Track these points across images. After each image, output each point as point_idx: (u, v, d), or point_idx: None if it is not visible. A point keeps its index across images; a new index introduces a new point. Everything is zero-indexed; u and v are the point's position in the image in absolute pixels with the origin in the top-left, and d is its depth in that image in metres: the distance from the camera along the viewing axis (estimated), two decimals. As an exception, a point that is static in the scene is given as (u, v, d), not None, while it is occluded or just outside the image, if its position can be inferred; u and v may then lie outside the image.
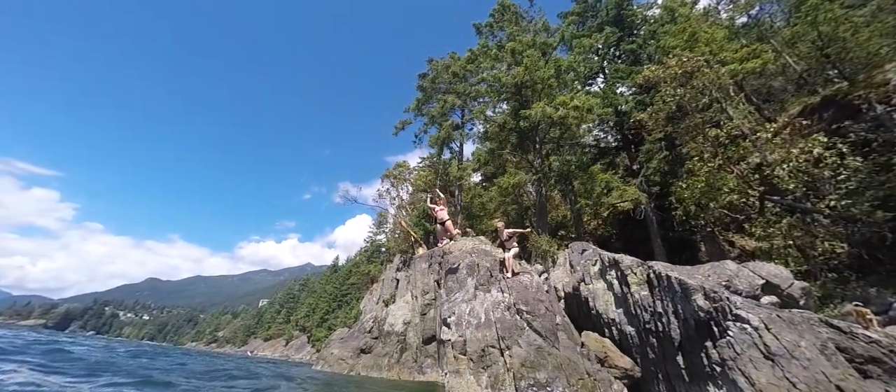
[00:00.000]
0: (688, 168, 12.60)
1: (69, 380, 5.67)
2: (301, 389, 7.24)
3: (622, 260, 8.35)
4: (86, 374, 6.37)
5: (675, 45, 14.51)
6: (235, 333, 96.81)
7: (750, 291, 7.06)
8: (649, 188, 16.46)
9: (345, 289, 53.64)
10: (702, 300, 6.08)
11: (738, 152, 11.65)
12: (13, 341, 8.66)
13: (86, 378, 5.95)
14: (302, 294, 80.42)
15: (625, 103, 18.17)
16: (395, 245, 31.61)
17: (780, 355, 4.86)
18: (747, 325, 5.30)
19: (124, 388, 5.46)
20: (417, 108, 25.45)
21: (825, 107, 11.95)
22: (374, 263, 38.79)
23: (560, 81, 17.73)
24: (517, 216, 21.39)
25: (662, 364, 6.85)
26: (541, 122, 16.34)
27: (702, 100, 12.41)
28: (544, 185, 17.39)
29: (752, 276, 7.49)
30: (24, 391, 4.42)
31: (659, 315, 6.98)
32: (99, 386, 5.43)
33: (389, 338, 13.34)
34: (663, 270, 7.19)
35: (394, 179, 31.18)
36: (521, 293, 8.71)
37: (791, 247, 9.89)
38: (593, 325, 8.66)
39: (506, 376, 7.02)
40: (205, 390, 6.06)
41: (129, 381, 5.95)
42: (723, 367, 5.37)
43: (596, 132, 22.26)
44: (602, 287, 8.81)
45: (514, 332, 7.70)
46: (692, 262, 10.81)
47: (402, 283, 16.85)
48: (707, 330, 5.90)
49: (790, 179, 10.03)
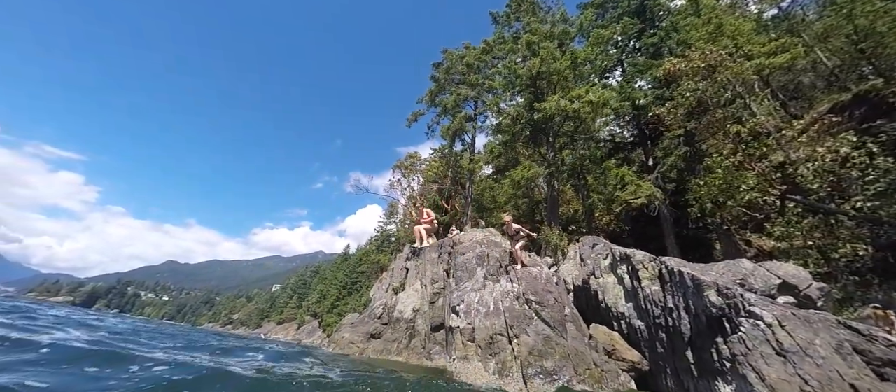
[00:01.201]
0: (706, 165, 12.31)
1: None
2: (333, 368, 7.58)
3: (634, 255, 8.30)
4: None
5: (699, 38, 14.04)
6: (250, 316, 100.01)
7: (765, 290, 6.94)
8: (664, 184, 16.15)
9: (355, 276, 54.62)
10: (714, 296, 6.03)
11: (761, 150, 11.30)
12: (91, 319, 9.83)
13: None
14: (313, 280, 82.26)
15: (643, 97, 17.75)
16: (405, 234, 31.98)
17: (792, 353, 4.81)
18: (760, 321, 5.24)
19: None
20: (430, 98, 25.40)
21: (857, 104, 11.44)
22: (384, 252, 39.34)
23: (576, 74, 17.42)
24: (528, 210, 21.33)
25: (671, 358, 6.84)
26: (555, 116, 16.15)
27: (724, 95, 12.05)
28: (557, 179, 17.25)
29: (768, 275, 7.35)
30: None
31: (669, 310, 6.94)
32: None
33: (398, 324, 13.63)
34: (676, 266, 7.13)
35: (405, 170, 31.41)
36: (531, 284, 8.77)
37: (811, 248, 9.62)
38: (602, 318, 8.67)
39: (513, 363, 7.14)
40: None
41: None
42: (733, 363, 5.34)
43: (612, 127, 21.87)
44: (612, 281, 8.79)
45: (522, 322, 7.79)
46: (706, 260, 10.61)
47: (411, 272, 17.11)
48: (718, 326, 5.86)
49: (814, 179, 9.71)
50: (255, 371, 5.15)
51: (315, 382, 4.98)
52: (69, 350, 5.33)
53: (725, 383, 5.56)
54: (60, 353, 5.05)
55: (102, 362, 4.80)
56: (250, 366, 6.02)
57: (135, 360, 5.03)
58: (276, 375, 5.14)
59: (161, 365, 4.98)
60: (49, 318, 9.82)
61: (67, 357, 4.89)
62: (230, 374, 4.67)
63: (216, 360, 6.74)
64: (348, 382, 5.18)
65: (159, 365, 4.97)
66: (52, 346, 5.30)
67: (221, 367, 5.15)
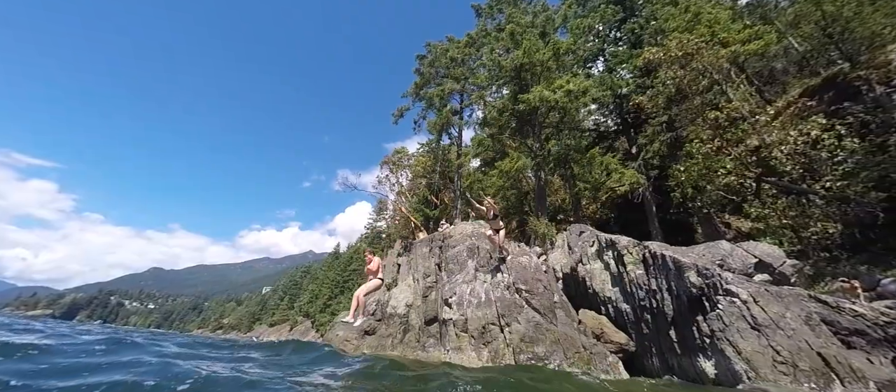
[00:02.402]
0: (686, 151, 12.68)
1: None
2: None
3: (619, 241, 8.55)
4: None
5: (676, 27, 14.35)
6: (241, 320, 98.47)
7: (743, 270, 7.28)
8: (648, 171, 16.56)
9: (346, 275, 54.35)
10: (694, 277, 6.29)
11: (737, 134, 11.71)
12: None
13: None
14: (304, 281, 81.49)
15: (625, 86, 18.06)
16: (395, 231, 31.91)
17: (765, 326, 5.08)
18: (736, 298, 5.51)
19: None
20: (415, 92, 25.23)
21: (826, 88, 11.93)
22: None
23: (559, 64, 17.58)
24: (517, 201, 21.57)
25: (656, 338, 7.13)
26: (540, 107, 16.30)
27: (702, 82, 12.39)
28: (543, 169, 17.47)
29: (745, 255, 7.69)
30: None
31: (653, 292, 7.21)
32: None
33: (392, 319, 13.69)
34: (658, 250, 7.39)
35: (393, 166, 31.20)
36: (521, 273, 8.94)
37: (786, 227, 10.08)
38: (590, 303, 8.93)
39: (506, 351, 7.30)
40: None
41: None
42: (712, 339, 5.61)
43: (596, 116, 22.21)
44: (599, 267, 9.04)
45: (513, 310, 7.95)
46: (689, 243, 11.00)
47: (403, 268, 17.15)
48: (699, 305, 6.13)
49: (787, 161, 10.13)
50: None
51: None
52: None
53: (706, 358, 5.85)
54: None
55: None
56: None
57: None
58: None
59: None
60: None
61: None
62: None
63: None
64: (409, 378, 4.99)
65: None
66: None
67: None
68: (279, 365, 5.91)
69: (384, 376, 4.99)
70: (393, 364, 6.06)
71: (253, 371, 4.89)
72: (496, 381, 4.76)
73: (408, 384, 4.64)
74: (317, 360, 6.38)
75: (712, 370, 5.63)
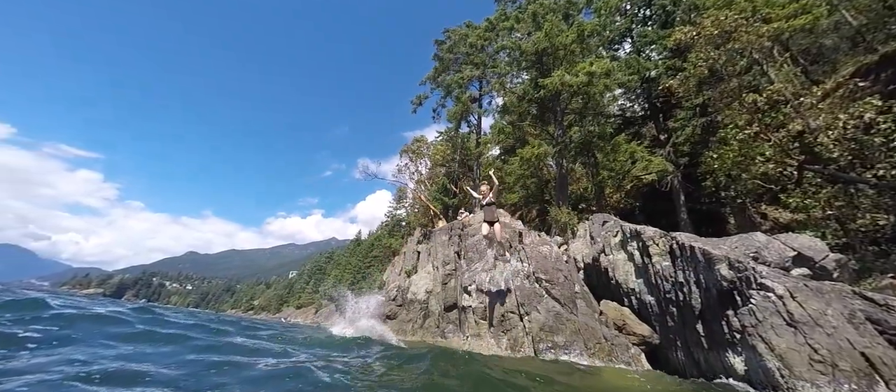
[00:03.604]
0: (720, 136, 11.97)
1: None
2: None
3: (644, 231, 8.28)
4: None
5: (713, 3, 13.36)
6: (270, 302, 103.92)
7: (779, 263, 6.89)
8: (677, 159, 15.81)
9: (368, 261, 55.90)
10: (725, 269, 6.03)
11: (778, 119, 10.91)
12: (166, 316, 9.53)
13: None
14: (328, 266, 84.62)
15: (653, 68, 17.15)
16: (414, 219, 32.33)
17: (803, 323, 4.82)
18: (771, 293, 5.25)
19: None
20: (434, 78, 25.02)
21: (883, 66, 10.85)
22: (395, 237, 39.93)
23: (583, 48, 16.87)
24: (537, 189, 21.25)
25: (682, 332, 6.93)
26: (562, 92, 15.79)
27: (740, 62, 11.56)
28: (565, 157, 17.04)
29: (782, 247, 7.26)
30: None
31: (680, 285, 6.98)
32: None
33: (413, 305, 14.03)
34: (686, 241, 7.11)
35: (412, 154, 31.41)
36: (541, 262, 8.88)
37: (830, 218, 9.41)
38: (612, 294, 8.77)
39: (525, 339, 7.34)
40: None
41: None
42: (743, 334, 5.39)
43: (621, 101, 21.31)
44: (622, 258, 8.82)
45: (533, 299, 7.95)
46: (720, 234, 10.49)
47: (423, 255, 17.43)
48: (729, 299, 5.89)
49: (835, 147, 9.37)
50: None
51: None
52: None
53: (735, 354, 5.64)
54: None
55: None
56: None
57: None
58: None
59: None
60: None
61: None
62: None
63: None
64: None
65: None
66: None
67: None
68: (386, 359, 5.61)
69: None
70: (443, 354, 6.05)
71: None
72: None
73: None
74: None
75: (742, 366, 5.43)
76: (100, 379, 3.06)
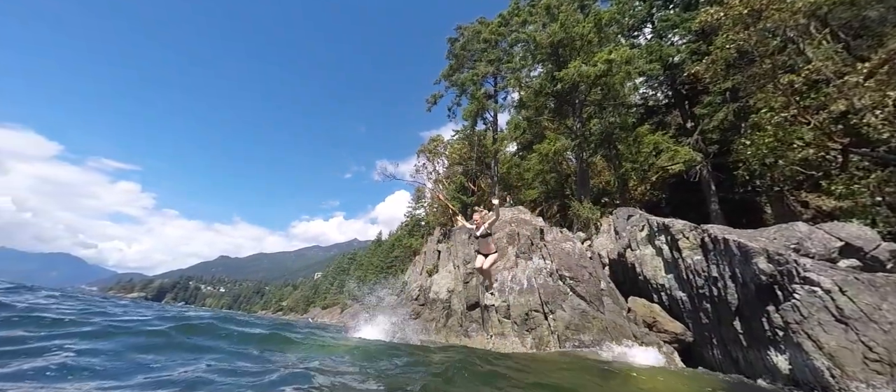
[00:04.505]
0: (753, 122, 11.31)
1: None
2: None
3: (673, 224, 7.97)
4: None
5: (742, -19, 12.59)
6: (297, 302, 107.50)
7: (824, 254, 6.45)
8: (706, 147, 15.07)
9: (389, 261, 56.71)
10: (764, 263, 5.71)
11: (818, 99, 10.17)
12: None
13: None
14: (351, 267, 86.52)
15: (676, 54, 16.41)
16: (434, 218, 32.50)
17: (855, 319, 4.50)
18: (817, 287, 4.92)
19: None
20: (448, 75, 24.94)
21: (939, 36, 9.90)
22: (415, 237, 40.29)
23: (601, 37, 16.36)
24: (557, 184, 20.86)
25: (717, 329, 6.63)
26: (580, 84, 15.39)
27: (772, 42, 10.86)
28: (585, 150, 16.62)
29: (827, 237, 6.80)
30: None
31: (714, 280, 6.67)
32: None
33: (435, 304, 14.11)
34: (720, 233, 6.78)
35: (429, 154, 31.56)
36: (564, 260, 8.72)
37: (880, 204, 8.71)
38: (640, 290, 8.50)
39: (550, 338, 7.24)
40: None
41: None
42: (786, 331, 5.09)
43: (643, 90, 20.52)
44: (650, 253, 8.53)
45: (557, 297, 7.82)
46: (755, 225, 9.93)
47: (443, 254, 17.49)
48: (769, 294, 5.57)
49: (885, 127, 8.64)
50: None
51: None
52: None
53: (778, 352, 5.34)
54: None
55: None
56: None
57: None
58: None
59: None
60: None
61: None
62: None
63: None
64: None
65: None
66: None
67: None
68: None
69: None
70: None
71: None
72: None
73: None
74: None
75: (786, 366, 5.13)
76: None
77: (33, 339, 4.09)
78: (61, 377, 3.00)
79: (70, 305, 7.50)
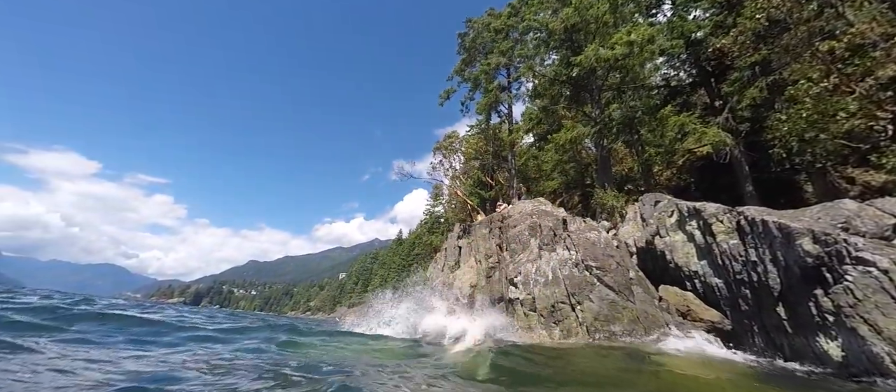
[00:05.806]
0: (789, 95, 10.58)
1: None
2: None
3: (704, 208, 7.60)
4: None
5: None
6: (324, 303, 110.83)
7: (877, 232, 5.97)
8: (737, 126, 14.25)
9: (410, 259, 57.39)
10: (809, 244, 5.34)
11: (863, 66, 9.38)
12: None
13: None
14: (374, 266, 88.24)
15: (699, 29, 15.56)
16: (453, 215, 32.52)
17: (918, 300, 4.14)
18: (872, 267, 4.57)
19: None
20: (460, 70, 24.72)
21: None
22: (435, 234, 40.51)
23: (617, 17, 15.71)
24: (577, 173, 20.37)
25: (758, 316, 6.29)
26: (597, 68, 14.88)
27: (808, 7, 10.10)
28: (606, 136, 16.08)
29: (879, 214, 6.28)
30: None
31: (753, 264, 6.32)
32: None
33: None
34: (757, 215, 6.41)
35: (445, 151, 31.54)
36: (589, 250, 8.51)
37: (940, 175, 7.97)
38: (672, 278, 8.17)
39: (579, 329, 7.10)
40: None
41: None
42: (838, 316, 4.76)
43: (664, 70, 19.61)
44: (681, 239, 8.17)
45: (584, 288, 7.65)
46: (795, 205, 9.31)
47: (464, 250, 17.48)
48: (816, 277, 5.22)
49: (942, 91, 7.89)
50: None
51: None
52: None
53: (829, 338, 5.01)
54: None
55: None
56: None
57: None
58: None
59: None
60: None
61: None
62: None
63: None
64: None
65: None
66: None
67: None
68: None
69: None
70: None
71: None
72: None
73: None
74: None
75: (838, 352, 4.79)
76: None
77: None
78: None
79: (169, 315, 8.40)
